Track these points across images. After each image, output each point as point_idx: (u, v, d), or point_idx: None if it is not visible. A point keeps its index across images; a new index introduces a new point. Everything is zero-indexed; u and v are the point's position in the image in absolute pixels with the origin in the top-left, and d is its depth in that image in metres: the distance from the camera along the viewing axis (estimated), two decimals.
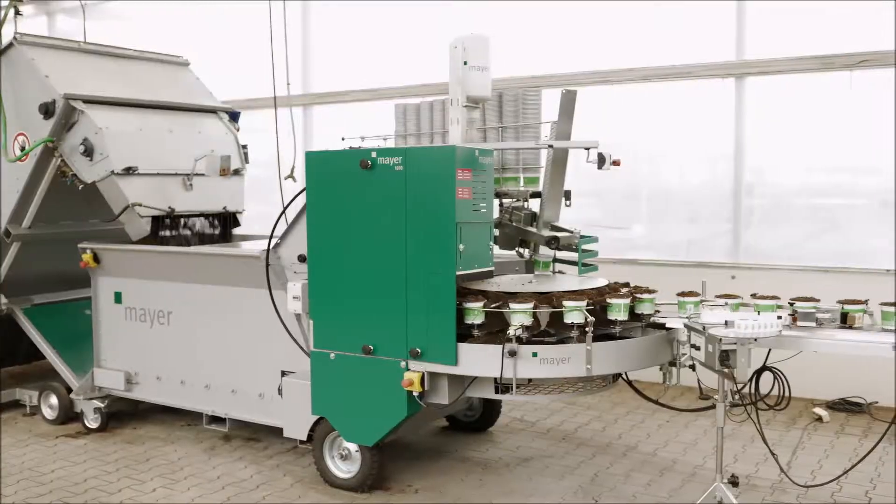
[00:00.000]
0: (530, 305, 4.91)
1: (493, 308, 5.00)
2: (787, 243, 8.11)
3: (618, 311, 5.05)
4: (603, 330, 5.09)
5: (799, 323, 4.78)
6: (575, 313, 4.89)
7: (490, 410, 6.90)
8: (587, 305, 4.92)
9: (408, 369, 5.16)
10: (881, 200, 7.77)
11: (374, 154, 5.23)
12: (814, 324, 4.75)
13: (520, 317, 4.89)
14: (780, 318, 4.57)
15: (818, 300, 4.88)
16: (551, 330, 5.07)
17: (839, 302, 4.85)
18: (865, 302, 4.82)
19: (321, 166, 5.50)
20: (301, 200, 5.72)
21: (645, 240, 8.93)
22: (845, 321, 4.79)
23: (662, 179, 8.93)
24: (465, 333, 5.06)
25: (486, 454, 6.42)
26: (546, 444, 6.66)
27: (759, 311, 4.83)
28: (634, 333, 5.26)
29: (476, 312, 4.98)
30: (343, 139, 6.06)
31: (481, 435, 6.86)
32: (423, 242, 5.09)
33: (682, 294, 5.23)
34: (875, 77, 7.54)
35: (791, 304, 4.91)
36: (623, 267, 7.83)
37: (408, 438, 6.57)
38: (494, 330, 5.10)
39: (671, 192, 8.82)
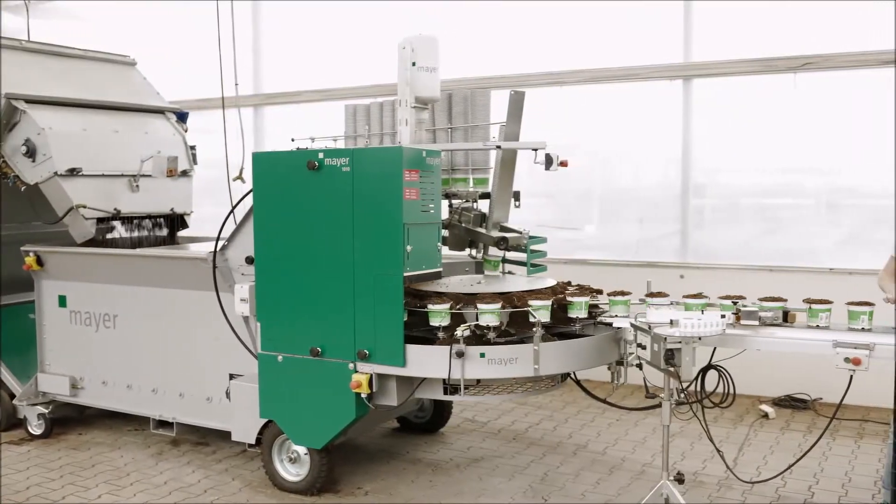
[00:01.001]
0: (498, 306, 4.91)
1: (459, 310, 4.99)
2: (735, 243, 8.23)
3: (579, 308, 5.09)
4: (563, 328, 5.13)
5: (742, 322, 4.86)
6: (542, 311, 4.92)
7: (441, 411, 6.90)
8: None
9: (356, 371, 5.14)
10: (826, 201, 7.93)
11: (321, 155, 5.20)
12: (756, 322, 4.83)
13: (477, 317, 4.89)
14: (723, 316, 4.64)
15: (785, 300, 4.95)
16: (511, 330, 5.09)
17: (805, 301, 4.92)
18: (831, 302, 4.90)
19: (268, 167, 5.45)
20: (249, 202, 5.66)
21: (596, 240, 9.00)
22: (786, 319, 4.89)
23: (614, 180, 9.01)
24: (425, 336, 5.06)
25: (436, 455, 6.41)
26: (497, 444, 6.68)
27: (703, 311, 4.89)
28: (590, 332, 5.31)
29: (442, 315, 4.96)
30: (293, 140, 6.02)
31: (432, 436, 6.85)
32: (371, 243, 5.07)
33: (651, 294, 5.28)
34: (818, 79, 7.69)
35: (734, 304, 4.98)
36: (572, 267, 7.88)
37: (358, 440, 6.55)
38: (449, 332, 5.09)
39: (623, 193, 8.90)
